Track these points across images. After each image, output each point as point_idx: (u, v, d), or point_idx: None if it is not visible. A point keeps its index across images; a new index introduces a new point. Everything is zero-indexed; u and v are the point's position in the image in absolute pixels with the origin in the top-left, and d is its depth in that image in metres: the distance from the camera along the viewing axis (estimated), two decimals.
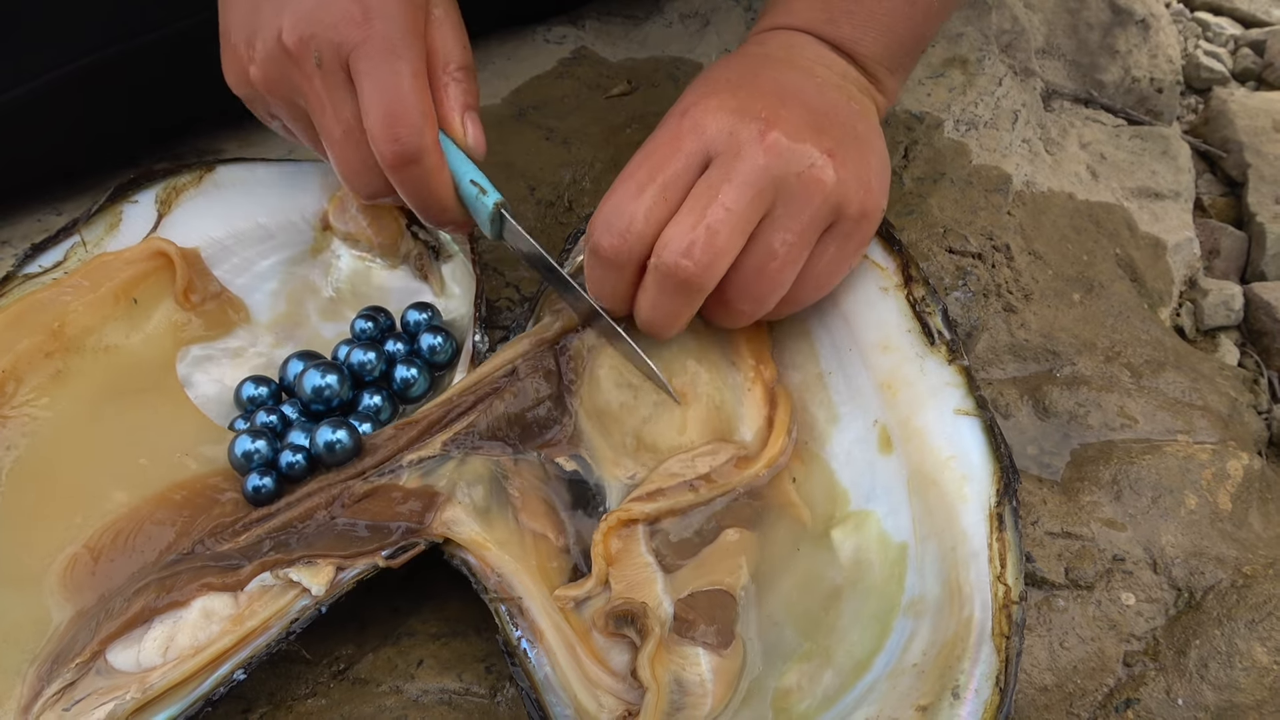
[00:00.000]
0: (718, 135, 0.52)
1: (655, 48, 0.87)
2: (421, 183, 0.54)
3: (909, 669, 0.48)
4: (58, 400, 0.58)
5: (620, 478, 0.55)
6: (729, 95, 0.53)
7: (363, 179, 0.56)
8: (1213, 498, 0.60)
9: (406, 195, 0.55)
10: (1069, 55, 0.90)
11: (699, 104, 0.53)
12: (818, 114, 0.54)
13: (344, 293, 0.66)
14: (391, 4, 0.53)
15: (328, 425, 0.55)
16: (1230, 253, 0.86)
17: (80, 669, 0.49)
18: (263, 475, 0.55)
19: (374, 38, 0.52)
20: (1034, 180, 0.78)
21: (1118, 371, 0.67)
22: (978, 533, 0.50)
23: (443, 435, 0.56)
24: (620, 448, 0.56)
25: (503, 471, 0.55)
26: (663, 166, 0.52)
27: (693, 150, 0.52)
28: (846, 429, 0.57)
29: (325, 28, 0.52)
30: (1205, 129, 0.95)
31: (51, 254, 0.62)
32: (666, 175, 0.52)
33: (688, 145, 0.52)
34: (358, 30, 0.52)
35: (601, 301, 0.55)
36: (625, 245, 0.51)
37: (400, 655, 0.54)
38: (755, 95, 0.53)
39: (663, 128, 0.54)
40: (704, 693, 0.48)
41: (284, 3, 0.53)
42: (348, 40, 0.52)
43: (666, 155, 0.52)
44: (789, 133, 0.51)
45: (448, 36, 0.56)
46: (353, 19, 0.52)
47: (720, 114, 0.52)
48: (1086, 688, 0.54)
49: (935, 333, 0.56)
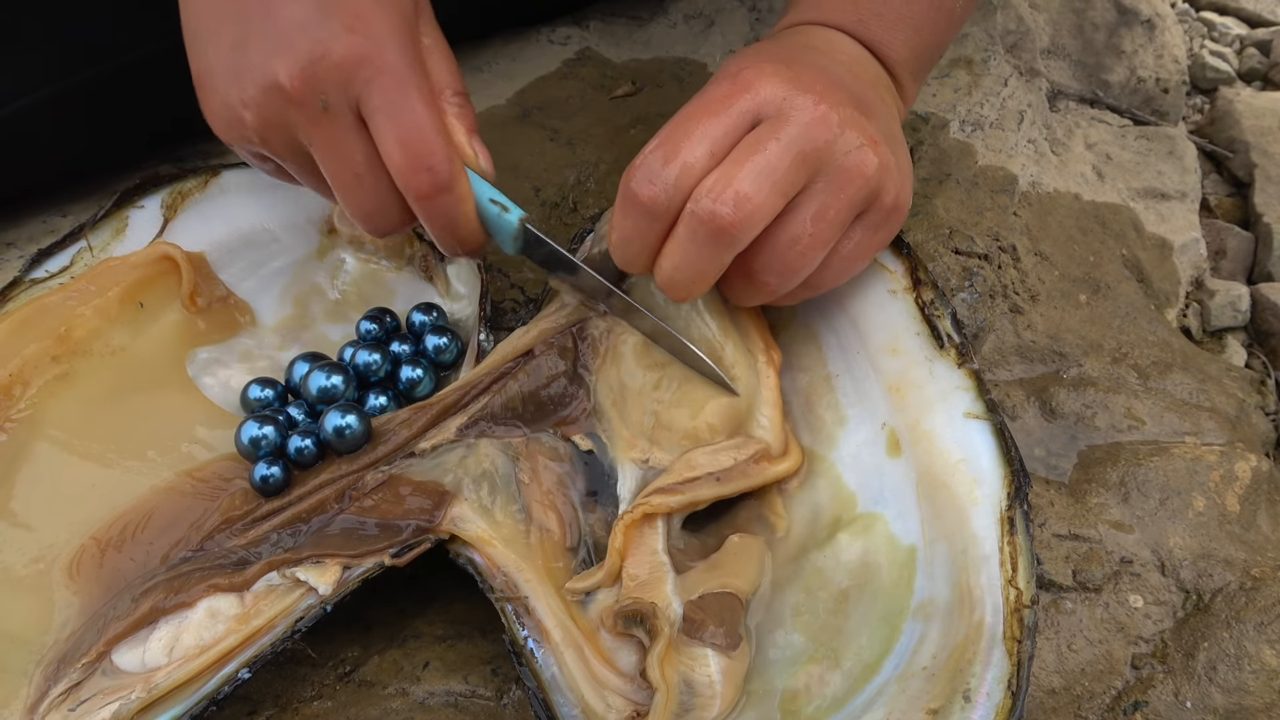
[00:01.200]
0: (771, 98, 0.51)
1: (660, 48, 0.87)
2: (453, 209, 0.53)
3: (919, 672, 0.47)
4: (65, 402, 0.58)
5: (635, 459, 0.55)
6: (783, 66, 0.52)
7: (380, 217, 0.55)
8: (1221, 499, 0.60)
9: (435, 224, 0.54)
10: (1074, 55, 0.90)
11: (753, 68, 0.52)
12: (863, 105, 0.53)
13: (350, 295, 0.66)
14: (393, 38, 0.52)
15: (336, 410, 0.55)
16: (1237, 253, 0.86)
17: (86, 669, 0.49)
18: (271, 464, 0.55)
19: (384, 73, 0.51)
20: (1040, 181, 0.78)
21: (1125, 373, 0.67)
22: (989, 536, 0.50)
23: (458, 419, 0.56)
24: (638, 427, 0.55)
25: (514, 453, 0.55)
26: (712, 121, 0.50)
27: (745, 109, 0.51)
28: (854, 432, 0.57)
29: (330, 68, 0.50)
30: (1211, 129, 0.95)
31: (58, 259, 0.62)
32: (716, 130, 0.50)
33: (740, 103, 0.51)
34: (366, 68, 0.51)
35: (626, 258, 0.53)
36: (665, 194, 0.50)
37: (406, 657, 0.54)
38: (807, 72, 0.53)
39: (714, 86, 0.53)
40: (713, 694, 0.48)
41: (276, 42, 0.51)
42: (356, 79, 0.51)
43: (717, 111, 0.51)
44: (840, 113, 0.51)
45: (439, 63, 0.55)
46: (359, 57, 0.51)
47: (775, 80, 0.51)
48: (1094, 690, 0.54)
49: (944, 336, 0.56)
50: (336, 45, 0.50)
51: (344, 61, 0.50)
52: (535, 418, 0.56)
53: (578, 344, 0.57)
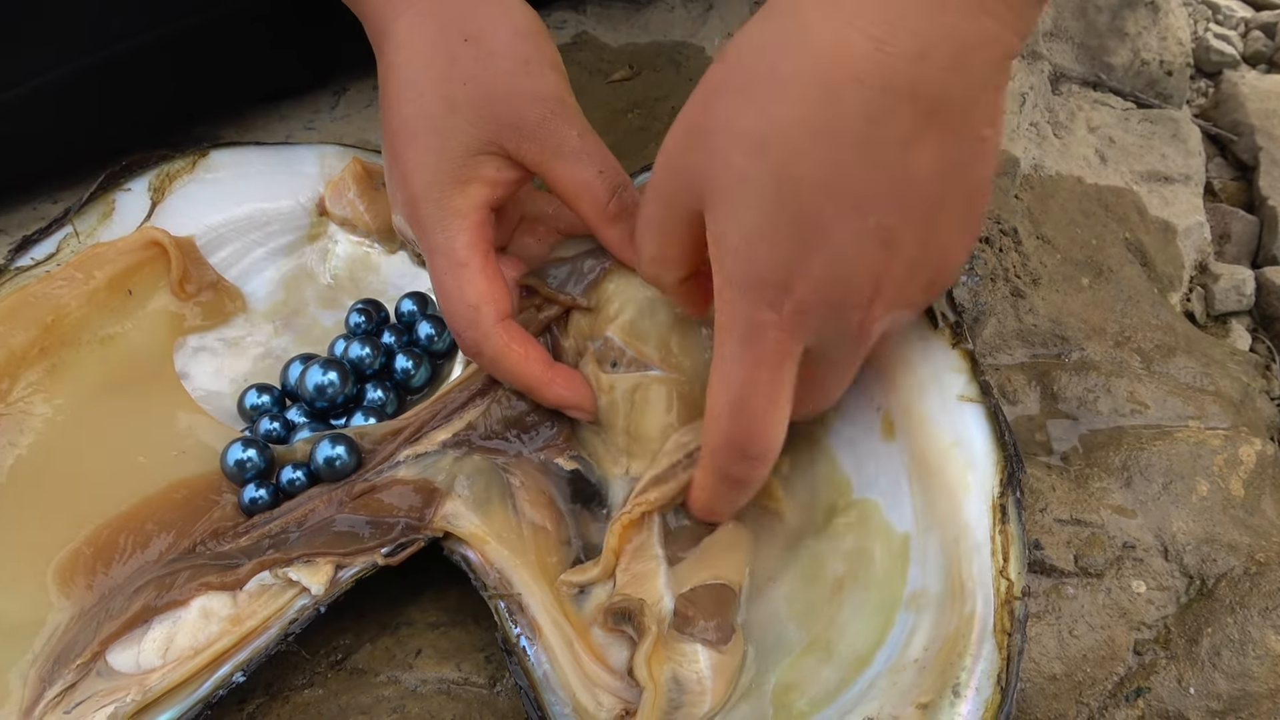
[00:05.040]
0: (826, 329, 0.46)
1: (657, 32, 0.86)
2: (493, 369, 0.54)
3: (910, 664, 0.47)
4: (54, 396, 0.58)
5: (620, 475, 0.55)
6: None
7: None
8: (1225, 484, 0.59)
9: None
10: (1077, 38, 0.89)
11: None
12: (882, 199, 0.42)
13: (342, 279, 0.65)
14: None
15: (328, 440, 0.55)
16: (1241, 237, 0.85)
17: (81, 670, 0.49)
18: (259, 487, 0.55)
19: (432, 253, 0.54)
20: (1042, 164, 0.77)
21: (1128, 357, 0.66)
22: (980, 525, 0.48)
23: (441, 434, 0.55)
24: (616, 448, 0.55)
25: (504, 464, 0.54)
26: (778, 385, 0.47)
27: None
28: (848, 414, 0.56)
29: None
30: (1215, 112, 0.94)
31: (44, 246, 0.61)
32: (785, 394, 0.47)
33: (797, 346, 0.46)
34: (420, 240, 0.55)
35: (720, 512, 0.52)
36: (760, 474, 0.50)
37: (398, 645, 0.53)
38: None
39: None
40: (702, 690, 0.47)
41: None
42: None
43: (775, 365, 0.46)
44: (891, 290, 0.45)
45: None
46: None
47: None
48: (1096, 676, 0.53)
49: (939, 315, 0.55)
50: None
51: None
52: (520, 440, 0.56)
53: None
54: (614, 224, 0.53)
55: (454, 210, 0.52)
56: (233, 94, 0.77)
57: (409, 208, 0.54)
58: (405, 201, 0.54)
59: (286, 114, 0.80)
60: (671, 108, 0.79)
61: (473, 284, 0.52)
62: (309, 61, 0.78)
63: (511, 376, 0.53)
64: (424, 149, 0.52)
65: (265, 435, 0.58)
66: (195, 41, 0.70)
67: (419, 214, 0.53)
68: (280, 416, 0.59)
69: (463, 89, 0.52)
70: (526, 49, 0.53)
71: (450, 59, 0.52)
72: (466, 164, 0.52)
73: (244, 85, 0.77)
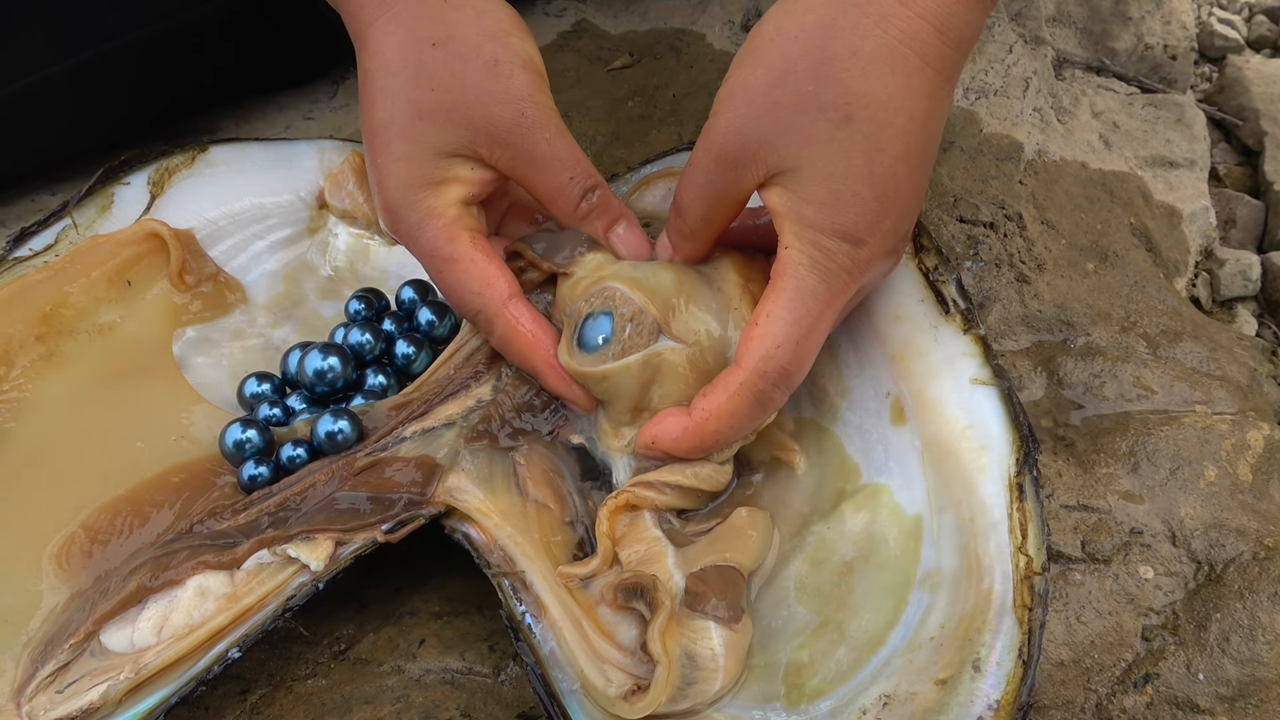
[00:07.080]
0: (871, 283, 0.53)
1: (657, 20, 0.86)
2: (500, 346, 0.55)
3: (926, 642, 0.46)
4: (51, 383, 0.57)
5: (620, 448, 0.54)
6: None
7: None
8: (1233, 469, 0.58)
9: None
10: (1080, 23, 0.88)
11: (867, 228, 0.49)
12: (907, 173, 0.49)
13: (342, 271, 0.65)
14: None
15: (329, 415, 0.54)
16: (1247, 222, 0.84)
17: (74, 650, 0.49)
18: (259, 464, 0.54)
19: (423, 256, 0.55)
20: (1046, 149, 0.77)
21: (1133, 342, 0.65)
22: (997, 503, 0.49)
23: (448, 408, 0.55)
24: (618, 420, 0.54)
25: (508, 443, 0.54)
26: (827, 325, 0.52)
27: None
28: (857, 402, 0.55)
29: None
30: (1220, 97, 0.93)
31: (42, 237, 0.61)
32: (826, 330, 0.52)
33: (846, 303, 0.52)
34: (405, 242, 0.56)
35: (728, 441, 0.52)
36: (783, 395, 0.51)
37: (402, 635, 0.53)
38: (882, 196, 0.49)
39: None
40: (715, 667, 0.47)
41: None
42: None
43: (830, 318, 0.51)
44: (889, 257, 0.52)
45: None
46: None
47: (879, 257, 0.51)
48: (1104, 662, 0.52)
49: (950, 301, 0.54)
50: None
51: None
52: (527, 420, 0.55)
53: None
54: (586, 224, 0.55)
55: (429, 211, 0.53)
56: (233, 87, 0.77)
57: (387, 213, 0.55)
58: (383, 208, 0.55)
59: (285, 104, 0.80)
60: (672, 95, 0.78)
61: (469, 273, 0.53)
62: (310, 53, 0.78)
63: (520, 359, 0.54)
64: (396, 156, 0.53)
65: (265, 420, 0.57)
66: (195, 37, 0.70)
67: (397, 219, 0.54)
68: (280, 403, 0.58)
69: (431, 95, 0.52)
70: (495, 50, 0.53)
71: (418, 65, 0.53)
72: (438, 166, 0.53)
73: (244, 79, 0.77)
